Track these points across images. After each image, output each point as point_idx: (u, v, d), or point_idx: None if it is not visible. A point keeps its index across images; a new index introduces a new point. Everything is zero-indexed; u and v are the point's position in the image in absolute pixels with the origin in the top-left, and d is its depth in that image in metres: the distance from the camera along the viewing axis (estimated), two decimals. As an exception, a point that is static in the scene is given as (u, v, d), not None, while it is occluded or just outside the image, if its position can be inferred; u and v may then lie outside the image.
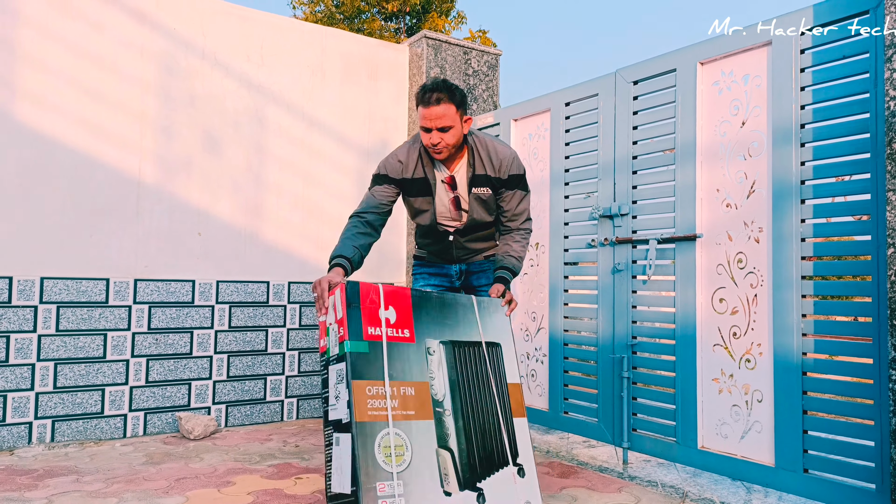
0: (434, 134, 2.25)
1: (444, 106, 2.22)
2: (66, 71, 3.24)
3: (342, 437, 1.82)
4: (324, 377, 1.95)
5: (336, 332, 1.90)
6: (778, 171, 2.48)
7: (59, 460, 2.89)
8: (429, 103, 2.22)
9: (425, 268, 2.63)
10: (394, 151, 2.44)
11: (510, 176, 2.40)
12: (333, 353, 1.91)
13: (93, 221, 3.28)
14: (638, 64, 3.04)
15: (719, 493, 2.55)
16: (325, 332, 1.97)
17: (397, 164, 2.38)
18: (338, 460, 1.82)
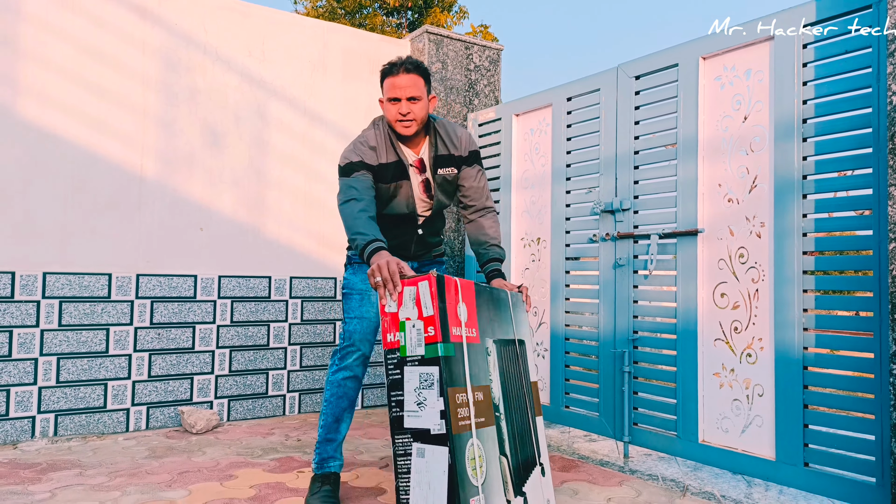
0: (404, 104, 2.18)
1: (414, 76, 2.18)
2: (67, 66, 3.24)
3: (429, 450, 1.67)
4: (395, 378, 1.74)
5: (421, 330, 1.71)
6: (780, 166, 2.48)
7: (62, 454, 2.90)
8: (398, 72, 2.17)
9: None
10: (358, 140, 2.30)
11: (470, 152, 2.36)
12: (415, 353, 1.71)
13: (95, 216, 3.29)
14: (640, 59, 3.04)
15: (720, 487, 2.56)
16: (396, 326, 1.75)
17: (369, 151, 2.25)
18: (423, 475, 1.66)
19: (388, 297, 1.77)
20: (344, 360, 2.33)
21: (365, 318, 2.35)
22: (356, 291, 2.37)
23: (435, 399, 1.68)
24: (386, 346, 1.75)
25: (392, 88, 2.18)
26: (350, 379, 2.32)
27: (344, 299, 2.41)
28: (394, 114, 2.20)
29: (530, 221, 3.65)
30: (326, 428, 2.35)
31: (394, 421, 1.72)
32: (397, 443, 1.71)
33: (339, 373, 2.33)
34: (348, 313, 2.37)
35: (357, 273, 2.41)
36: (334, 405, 2.34)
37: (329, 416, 2.34)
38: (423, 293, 1.72)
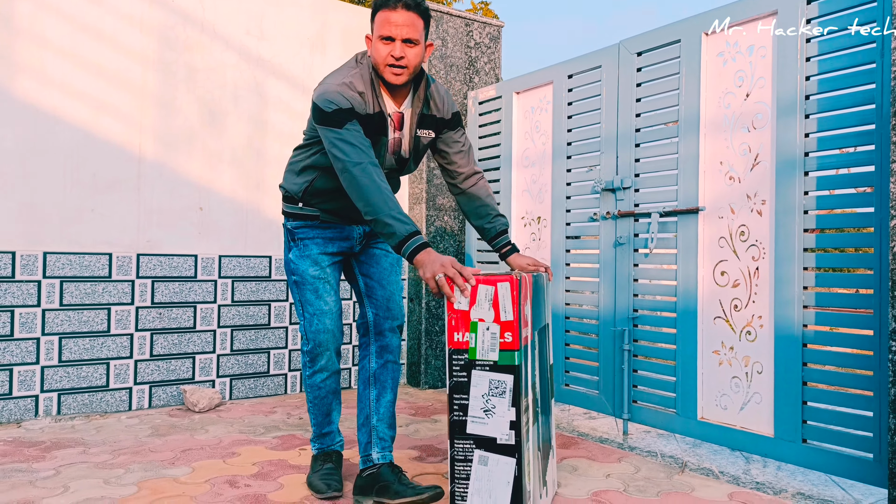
0: (398, 45, 1.87)
1: (413, 15, 1.87)
2: (65, 45, 3.21)
3: (493, 459, 1.63)
4: (460, 380, 1.66)
5: (496, 335, 1.64)
6: (782, 143, 2.46)
7: (65, 432, 2.93)
8: (396, 6, 1.86)
9: (319, 231, 2.12)
10: (343, 79, 1.92)
11: (453, 114, 2.13)
12: (487, 357, 1.64)
13: (94, 196, 3.28)
14: (642, 35, 3.01)
15: (718, 463, 2.58)
16: (466, 326, 1.66)
17: (358, 97, 1.91)
18: (483, 482, 1.64)
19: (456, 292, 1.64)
20: (317, 362, 2.15)
21: (326, 311, 2.11)
22: (310, 278, 2.10)
23: (506, 408, 1.62)
24: (452, 345, 1.66)
25: (385, 24, 1.86)
26: (328, 378, 2.17)
27: (295, 287, 2.13)
28: (384, 55, 1.88)
29: (531, 200, 3.64)
30: (319, 425, 2.26)
31: (455, 424, 1.66)
32: (457, 447, 1.66)
33: (316, 375, 2.17)
34: (306, 307, 2.11)
35: (305, 253, 2.10)
36: (320, 405, 2.22)
37: (318, 415, 2.24)
38: (502, 295, 1.63)
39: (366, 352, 2.22)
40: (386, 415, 2.18)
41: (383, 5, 1.88)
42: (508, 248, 2.16)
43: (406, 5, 1.86)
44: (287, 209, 2.17)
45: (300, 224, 2.13)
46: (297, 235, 2.13)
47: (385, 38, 1.87)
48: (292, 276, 2.15)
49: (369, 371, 2.20)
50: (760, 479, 2.40)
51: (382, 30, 1.87)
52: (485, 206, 2.19)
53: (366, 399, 2.20)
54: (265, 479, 2.33)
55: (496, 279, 1.65)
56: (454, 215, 4.14)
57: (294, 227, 2.14)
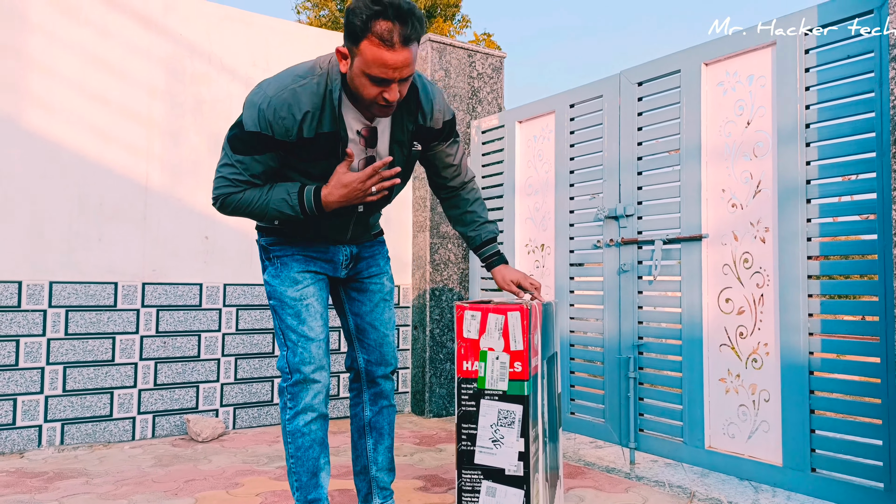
0: (394, 88, 1.55)
1: (412, 48, 1.51)
2: (73, 76, 3.27)
3: (501, 490, 1.62)
4: (469, 409, 1.65)
5: (506, 364, 1.62)
6: (783, 171, 2.48)
7: (68, 463, 2.91)
8: (394, 43, 1.48)
9: (297, 248, 1.82)
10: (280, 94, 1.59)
11: (445, 123, 1.82)
12: (496, 387, 1.63)
13: (101, 226, 3.31)
14: (642, 65, 3.05)
15: (727, 493, 2.55)
16: (476, 355, 1.65)
17: (287, 118, 1.59)
18: None
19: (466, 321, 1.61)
20: (299, 400, 1.77)
21: (311, 338, 1.78)
22: (288, 302, 1.79)
23: (514, 439, 1.62)
24: (461, 373, 1.65)
25: (380, 66, 1.50)
26: (314, 421, 1.79)
27: (274, 314, 1.83)
28: (374, 95, 1.56)
29: (534, 228, 3.66)
30: (303, 489, 1.79)
31: (462, 454, 1.65)
32: (464, 477, 1.65)
33: (298, 418, 1.78)
34: (287, 333, 1.78)
35: (282, 273, 1.80)
36: (303, 459, 1.79)
37: (302, 474, 1.79)
38: (512, 325, 1.62)
39: (358, 399, 2.01)
40: (385, 462, 2.01)
41: (371, 34, 1.48)
42: (495, 259, 1.95)
43: (406, 39, 1.49)
44: (260, 224, 1.89)
45: (275, 240, 1.83)
46: (273, 253, 1.83)
47: (379, 79, 1.53)
48: (270, 299, 1.84)
49: (364, 420, 2.00)
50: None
51: (373, 70, 1.51)
52: (472, 213, 1.97)
53: (362, 448, 2.01)
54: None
55: (506, 308, 1.64)
56: (458, 243, 4.15)
57: (268, 243, 1.84)
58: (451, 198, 2.01)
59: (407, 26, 1.48)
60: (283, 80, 1.64)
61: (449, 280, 4.11)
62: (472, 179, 2.03)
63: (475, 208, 1.99)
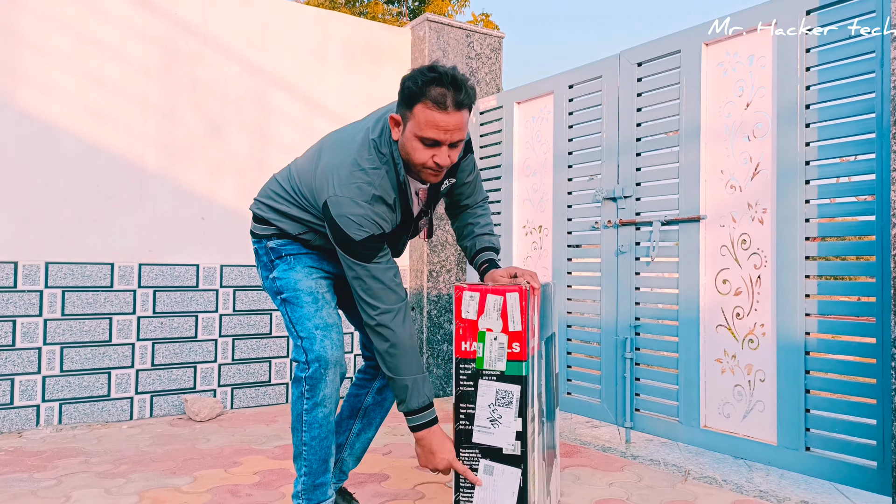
0: (444, 151, 1.57)
1: (465, 112, 1.55)
2: (67, 57, 3.23)
3: (498, 469, 1.63)
4: (467, 389, 1.66)
5: (504, 345, 1.63)
6: (783, 152, 2.47)
7: (66, 442, 2.92)
8: (448, 107, 1.52)
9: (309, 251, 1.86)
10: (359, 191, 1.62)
11: (465, 142, 1.80)
12: (494, 367, 1.64)
13: (96, 206, 3.29)
14: (642, 45, 3.03)
15: (721, 472, 2.57)
16: (474, 336, 1.65)
17: (386, 211, 1.65)
18: (488, 492, 1.64)
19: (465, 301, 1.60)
20: (318, 391, 1.74)
21: (330, 324, 1.77)
22: (304, 291, 1.79)
23: (512, 419, 1.63)
24: (459, 354, 1.66)
25: (432, 128, 1.53)
26: (332, 412, 1.79)
27: (286, 306, 1.80)
28: (425, 160, 1.58)
29: (532, 209, 3.65)
30: (312, 474, 1.80)
31: (460, 433, 1.66)
32: (462, 456, 1.66)
33: (317, 410, 1.74)
34: (303, 323, 1.75)
35: (296, 266, 1.81)
36: (317, 449, 1.78)
37: (313, 461, 1.79)
38: (511, 306, 1.62)
39: (366, 385, 2.01)
40: (359, 450, 2.02)
41: (426, 98, 1.52)
42: (486, 266, 1.88)
43: (459, 104, 1.52)
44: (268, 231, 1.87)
45: (287, 242, 1.84)
46: (286, 251, 1.83)
47: (430, 141, 1.55)
48: (280, 294, 1.81)
49: (362, 404, 2.00)
50: (763, 488, 2.39)
51: (426, 131, 1.54)
52: (476, 225, 1.94)
53: (346, 428, 1.99)
54: (267, 489, 2.32)
55: (505, 289, 1.65)
56: (455, 250, 4.14)
57: (281, 244, 1.84)
58: (466, 212, 1.99)
59: (460, 93, 1.53)
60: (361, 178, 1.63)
61: (446, 261, 4.11)
62: (485, 200, 2.00)
63: (481, 220, 1.96)
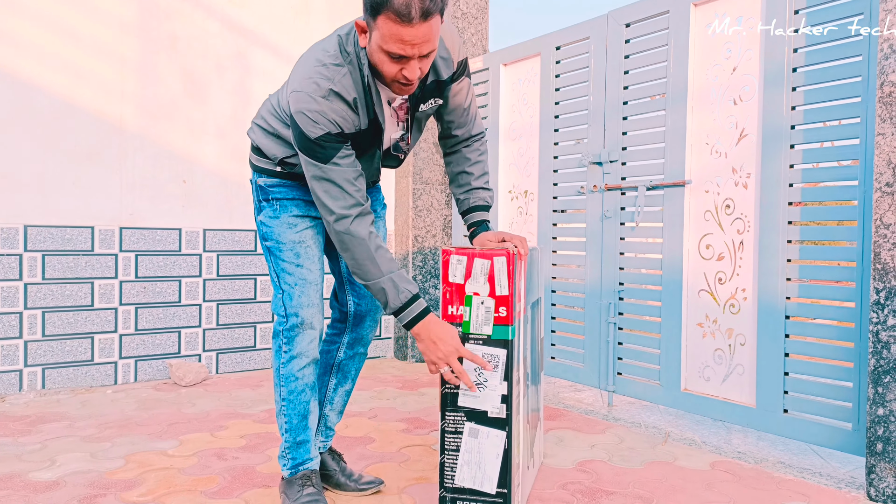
0: (414, 65, 1.47)
1: (432, 21, 1.41)
2: (40, 11, 3.13)
3: (483, 431, 1.65)
4: None
5: (491, 309, 1.63)
6: (768, 116, 2.46)
7: (50, 407, 2.92)
8: (412, 17, 1.38)
9: (299, 192, 1.79)
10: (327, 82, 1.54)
11: (459, 63, 1.71)
12: (480, 331, 1.64)
13: (74, 168, 3.23)
14: (630, 5, 2.98)
15: (700, 433, 2.62)
16: (461, 299, 1.64)
17: (347, 110, 1.57)
18: (473, 454, 1.65)
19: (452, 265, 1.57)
20: (294, 344, 1.77)
21: (310, 281, 1.77)
22: (287, 244, 1.77)
23: (497, 382, 1.64)
24: (446, 318, 1.65)
25: (397, 41, 1.43)
26: (308, 365, 1.80)
27: (269, 255, 1.80)
28: (394, 73, 1.50)
29: (517, 174, 3.63)
30: (293, 430, 1.82)
31: (446, 396, 1.66)
32: (448, 419, 1.66)
33: (293, 362, 1.78)
34: (283, 277, 1.76)
35: (281, 214, 1.77)
36: (295, 403, 1.80)
37: (292, 416, 1.81)
38: (498, 270, 1.61)
39: (337, 339, 2.00)
40: (339, 404, 2.02)
41: (390, 9, 1.39)
42: (476, 228, 1.83)
43: (425, 13, 1.39)
44: (261, 164, 1.81)
45: (276, 182, 1.78)
46: (273, 195, 1.78)
47: (396, 56, 1.46)
48: (265, 241, 1.81)
49: (335, 359, 2.00)
50: (742, 449, 2.44)
51: (391, 46, 1.44)
52: (468, 174, 1.85)
53: (323, 385, 2.00)
54: (253, 452, 2.34)
55: (492, 253, 1.64)
56: (441, 189, 4.12)
57: (269, 184, 1.78)
58: (453, 152, 1.88)
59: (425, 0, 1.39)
60: (323, 67, 1.55)
61: (432, 226, 4.09)
62: (480, 136, 1.89)
63: (474, 170, 1.85)
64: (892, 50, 2.00)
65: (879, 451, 2.02)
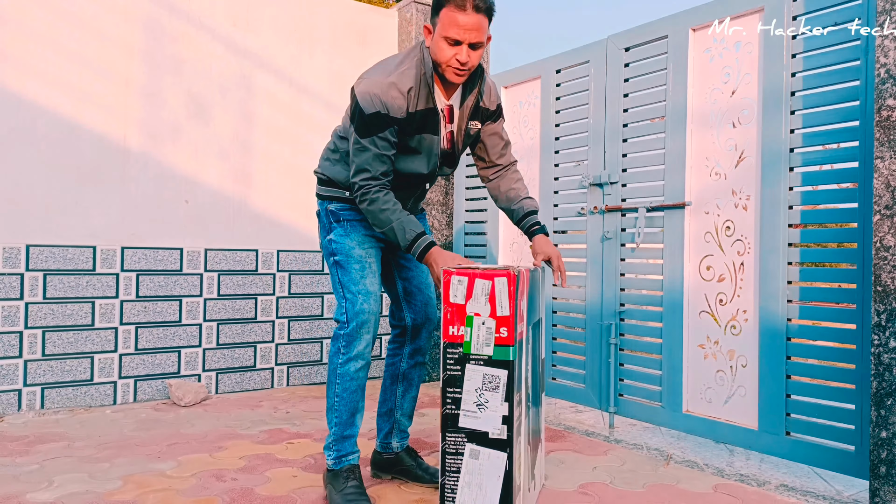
0: (464, 50, 1.81)
1: (482, 17, 1.80)
2: (47, 34, 3.17)
3: (484, 453, 1.64)
4: (453, 374, 1.66)
5: (492, 329, 1.64)
6: (767, 139, 2.48)
7: (49, 427, 2.90)
8: (466, 8, 1.77)
9: (362, 216, 2.07)
10: (389, 75, 1.87)
11: (498, 105, 2.12)
12: (481, 352, 1.64)
13: (78, 188, 3.24)
14: (629, 30, 3.02)
15: (703, 456, 2.61)
16: (462, 320, 1.65)
17: (400, 98, 1.87)
18: (474, 476, 1.64)
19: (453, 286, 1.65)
20: (353, 347, 1.98)
21: (371, 292, 2.01)
22: (355, 258, 2.02)
23: (499, 403, 1.63)
24: (447, 338, 1.66)
25: (453, 27, 1.78)
26: (363, 368, 2.02)
27: (337, 268, 2.04)
28: (449, 58, 1.83)
29: (518, 195, 3.64)
30: (342, 425, 2.03)
31: (447, 417, 1.66)
32: (448, 440, 1.66)
33: (350, 363, 1.99)
34: (349, 286, 2.00)
35: (351, 234, 2.05)
36: (348, 400, 2.01)
37: (343, 412, 2.02)
38: (499, 291, 1.63)
39: (399, 352, 2.26)
40: (409, 409, 2.28)
41: (450, 3, 1.79)
42: (536, 228, 2.11)
43: (476, 7, 1.78)
44: (330, 193, 2.09)
45: (346, 207, 2.07)
46: (343, 217, 2.06)
47: (452, 41, 1.81)
48: (333, 256, 2.05)
49: (399, 369, 2.26)
50: (744, 472, 2.43)
51: (449, 31, 1.80)
52: (514, 190, 2.16)
53: (392, 394, 2.26)
54: (252, 473, 2.32)
55: (493, 273, 1.64)
56: (442, 210, 4.13)
57: (339, 209, 2.07)
58: (498, 177, 2.19)
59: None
60: (390, 64, 1.92)
61: (432, 247, 4.10)
62: (516, 163, 2.23)
63: (518, 186, 2.17)
64: (888, 75, 2.03)
65: (883, 475, 2.01)
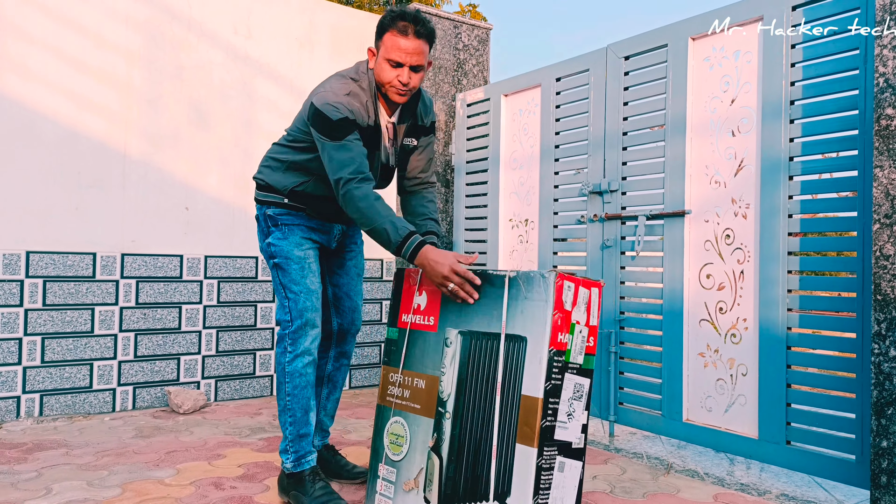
0: (405, 72, 1.92)
1: (422, 42, 1.93)
2: (49, 40, 3.18)
3: (568, 464, 1.57)
4: (556, 383, 1.57)
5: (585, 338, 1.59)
6: (767, 148, 2.49)
7: (48, 434, 2.89)
8: (409, 33, 1.90)
9: (303, 220, 2.13)
10: (345, 86, 1.98)
11: (431, 122, 2.19)
12: (576, 360, 1.58)
13: (78, 195, 3.25)
14: (629, 39, 3.03)
15: (703, 465, 2.60)
16: (567, 328, 1.57)
17: (360, 108, 1.97)
18: (559, 490, 1.55)
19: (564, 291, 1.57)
20: (299, 344, 2.04)
21: (312, 290, 2.07)
22: (294, 259, 2.08)
23: (581, 411, 1.60)
24: (554, 345, 1.57)
25: (395, 50, 1.91)
26: (310, 364, 2.06)
27: (277, 271, 2.10)
28: (391, 79, 1.94)
29: (518, 202, 3.65)
30: (297, 424, 2.06)
31: (545, 431, 1.53)
32: (545, 455, 1.53)
33: (297, 360, 2.04)
34: (290, 286, 2.06)
35: (289, 236, 2.10)
36: (299, 397, 2.05)
37: (297, 409, 2.05)
38: (594, 300, 1.58)
39: (324, 355, 2.32)
40: (332, 410, 2.37)
41: (395, 30, 1.91)
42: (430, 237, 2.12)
43: (417, 33, 1.91)
44: (269, 198, 2.14)
45: (284, 212, 2.12)
46: (281, 221, 2.11)
47: (394, 63, 1.92)
48: (273, 259, 2.10)
49: (325, 372, 2.33)
50: (745, 481, 2.42)
51: (392, 54, 1.91)
52: (425, 208, 2.18)
53: (317, 394, 2.33)
54: (251, 481, 2.32)
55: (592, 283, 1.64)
56: (442, 217, 4.14)
57: (277, 213, 2.12)
58: (414, 192, 2.22)
59: (419, 25, 1.91)
60: (341, 79, 2.00)
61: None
62: (435, 185, 2.28)
63: (431, 207, 2.19)
64: (887, 84, 2.03)
65: (884, 484, 2.00)
